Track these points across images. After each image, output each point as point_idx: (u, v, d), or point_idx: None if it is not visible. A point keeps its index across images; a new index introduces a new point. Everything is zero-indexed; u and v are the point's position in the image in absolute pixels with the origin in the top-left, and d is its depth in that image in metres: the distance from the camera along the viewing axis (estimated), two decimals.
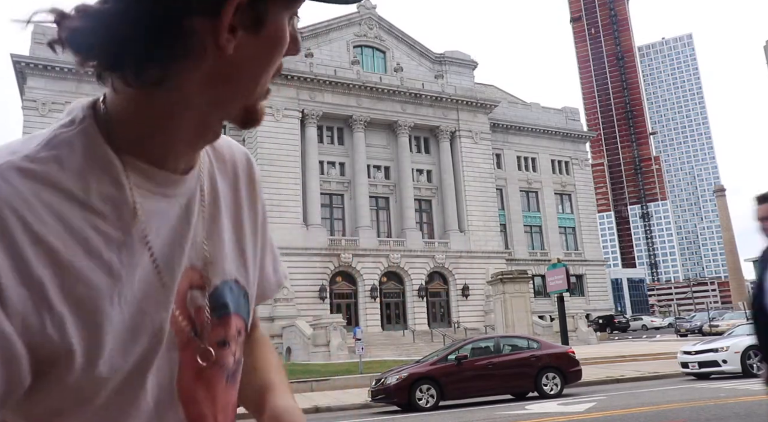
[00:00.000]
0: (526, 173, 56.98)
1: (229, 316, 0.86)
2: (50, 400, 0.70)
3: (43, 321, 0.65)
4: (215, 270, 0.85)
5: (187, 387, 0.80)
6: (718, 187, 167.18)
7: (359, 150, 46.10)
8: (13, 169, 0.69)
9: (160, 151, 0.78)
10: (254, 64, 0.77)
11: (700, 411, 10.02)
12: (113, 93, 0.76)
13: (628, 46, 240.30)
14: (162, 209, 0.79)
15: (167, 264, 0.79)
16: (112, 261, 0.72)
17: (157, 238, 0.78)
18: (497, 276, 35.24)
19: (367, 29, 50.64)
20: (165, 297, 0.78)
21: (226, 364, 0.85)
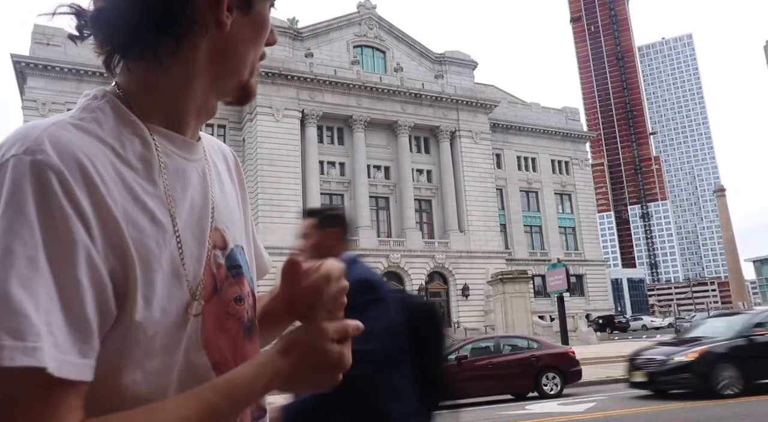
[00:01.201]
0: (526, 173, 56.97)
1: (243, 276, 0.93)
2: (116, 346, 0.74)
3: (117, 258, 0.74)
4: (231, 233, 0.93)
5: (210, 336, 0.86)
6: (718, 187, 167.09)
7: (359, 150, 46.10)
8: (69, 124, 0.78)
9: (176, 119, 0.88)
10: (246, 42, 0.89)
11: (699, 411, 10.02)
12: (127, 74, 0.86)
13: (628, 46, 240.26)
14: (185, 169, 0.88)
15: (198, 221, 0.87)
16: (154, 210, 0.80)
17: (184, 197, 0.86)
18: (497, 276, 35.25)
19: (367, 29, 50.65)
20: (198, 251, 0.85)
21: (243, 318, 0.92)
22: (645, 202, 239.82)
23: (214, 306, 0.87)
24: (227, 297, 0.89)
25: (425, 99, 49.17)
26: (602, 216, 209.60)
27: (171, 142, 0.87)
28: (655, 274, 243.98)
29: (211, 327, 0.86)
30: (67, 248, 0.69)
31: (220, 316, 0.88)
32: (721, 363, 11.69)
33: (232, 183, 1.03)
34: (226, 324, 0.89)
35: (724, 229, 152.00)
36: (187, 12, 0.82)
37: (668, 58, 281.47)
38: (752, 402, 10.79)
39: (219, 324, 0.87)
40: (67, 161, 0.72)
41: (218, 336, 0.87)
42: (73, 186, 0.71)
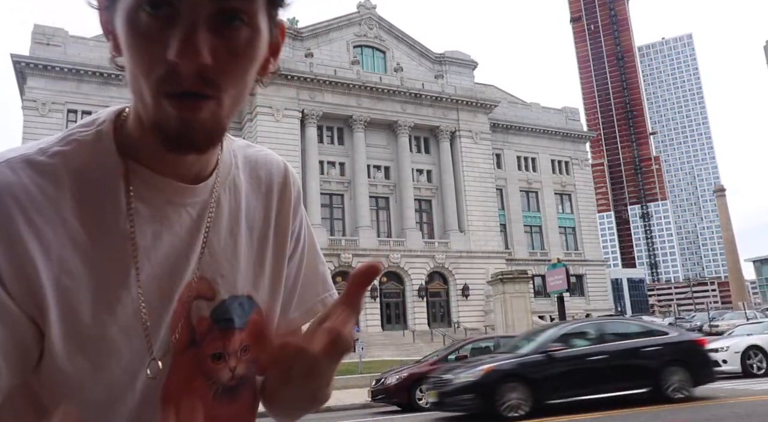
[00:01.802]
0: (526, 173, 56.96)
1: (233, 330, 0.85)
2: (47, 383, 0.72)
3: (31, 302, 0.70)
4: (225, 284, 0.85)
5: (172, 392, 0.80)
6: (718, 187, 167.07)
7: (359, 150, 46.10)
8: (25, 160, 0.73)
9: (157, 158, 0.78)
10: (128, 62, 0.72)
11: (699, 411, 10.02)
12: None
13: (628, 46, 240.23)
14: (165, 216, 0.80)
15: (167, 271, 0.79)
16: (96, 260, 0.74)
17: (156, 245, 0.79)
18: (497, 276, 35.24)
19: (367, 29, 50.65)
20: (160, 303, 0.79)
21: (216, 378, 0.84)
22: (645, 201, 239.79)
23: (186, 360, 0.81)
24: (204, 353, 0.82)
25: (425, 99, 49.17)
26: (602, 216, 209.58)
27: (152, 186, 0.79)
28: (655, 274, 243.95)
29: (176, 382, 0.80)
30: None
31: (190, 373, 0.81)
32: (508, 383, 10.73)
33: (266, 222, 0.93)
34: (193, 382, 0.82)
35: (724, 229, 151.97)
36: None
37: (668, 58, 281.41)
38: (752, 402, 10.79)
39: (186, 380, 0.81)
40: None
41: (181, 393, 0.80)
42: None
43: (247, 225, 0.90)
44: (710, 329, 38.23)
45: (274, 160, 0.98)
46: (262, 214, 0.92)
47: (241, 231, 0.89)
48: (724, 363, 15.54)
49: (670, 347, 11.78)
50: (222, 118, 0.72)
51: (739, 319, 37.26)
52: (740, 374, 15.29)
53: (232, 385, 0.85)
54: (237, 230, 0.88)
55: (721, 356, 15.65)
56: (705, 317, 45.30)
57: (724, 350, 15.76)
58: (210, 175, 0.84)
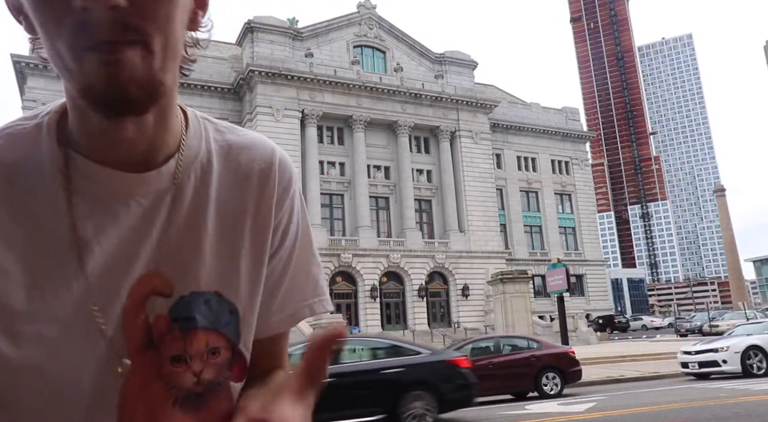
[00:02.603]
0: (526, 173, 56.97)
1: (195, 331, 0.76)
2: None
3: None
4: (185, 279, 0.76)
5: (128, 399, 0.73)
6: (718, 187, 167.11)
7: (359, 150, 46.10)
8: None
9: (93, 144, 0.72)
10: (37, 23, 0.65)
11: (700, 411, 10.01)
12: None
13: (628, 46, 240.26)
14: (108, 208, 0.74)
15: (113, 266, 0.73)
16: (32, 257, 0.70)
17: (101, 238, 0.73)
18: (497, 276, 35.26)
19: (367, 29, 50.64)
20: (106, 300, 0.72)
21: (177, 383, 0.75)
22: (645, 202, 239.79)
23: (144, 363, 0.73)
24: (164, 355, 0.74)
25: (425, 99, 49.16)
26: (602, 216, 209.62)
27: (92, 177, 0.73)
28: (655, 274, 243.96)
29: (133, 387, 0.73)
30: None
31: (147, 377, 0.74)
32: None
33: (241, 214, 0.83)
34: (151, 386, 0.74)
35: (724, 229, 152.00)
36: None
37: (668, 58, 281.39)
38: (752, 402, 10.79)
39: (143, 385, 0.73)
40: None
41: (138, 399, 0.73)
42: None
43: (218, 215, 0.80)
44: (710, 329, 38.27)
45: (260, 145, 0.87)
46: (236, 204, 0.82)
47: (208, 223, 0.79)
48: (724, 363, 15.55)
49: (416, 369, 10.42)
50: (155, 68, 0.65)
51: (739, 319, 37.27)
52: (740, 374, 15.29)
53: (198, 391, 0.77)
54: (202, 221, 0.79)
55: (721, 356, 15.66)
56: (705, 317, 45.35)
57: (724, 350, 15.76)
58: (166, 161, 0.77)
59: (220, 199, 0.81)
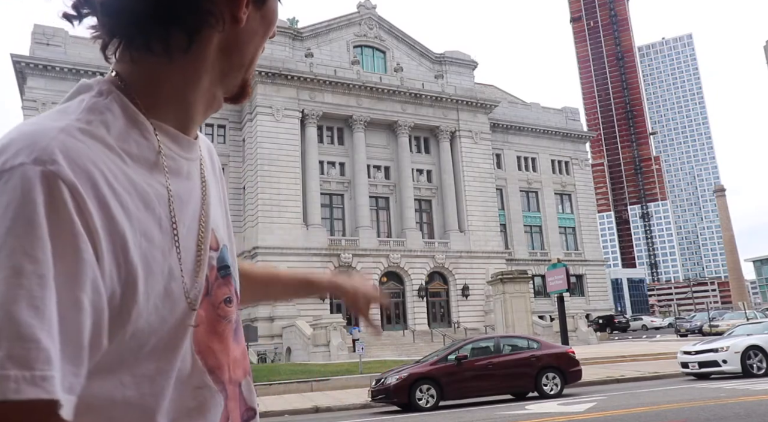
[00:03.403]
0: (526, 173, 56.97)
1: (231, 276, 0.91)
2: (111, 350, 0.70)
3: (120, 276, 0.69)
4: (221, 234, 0.91)
5: (203, 339, 0.83)
6: (718, 187, 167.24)
7: (359, 150, 46.10)
8: (77, 129, 0.72)
9: (183, 116, 0.84)
10: (256, 37, 0.85)
11: (700, 411, 10.01)
12: (131, 65, 0.80)
13: (628, 46, 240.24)
14: (189, 171, 0.85)
15: (198, 224, 0.84)
16: (162, 216, 0.77)
17: (188, 200, 0.83)
18: (497, 276, 35.26)
19: (367, 29, 50.65)
20: (199, 257, 0.83)
21: (232, 319, 0.90)
22: (645, 202, 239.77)
23: (205, 309, 0.84)
24: (217, 299, 0.87)
25: (425, 99, 49.16)
26: (602, 216, 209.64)
27: (176, 142, 0.84)
28: (655, 274, 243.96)
29: (203, 330, 0.83)
30: (76, 268, 0.64)
31: (212, 319, 0.85)
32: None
33: (215, 177, 0.99)
34: (218, 326, 0.86)
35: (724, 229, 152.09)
36: (205, 5, 0.78)
37: (668, 58, 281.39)
38: (752, 401, 10.79)
39: (211, 327, 0.85)
40: (79, 174, 0.67)
41: (211, 339, 0.85)
42: (86, 201, 0.66)
43: (215, 179, 0.97)
44: (710, 329, 38.25)
45: None
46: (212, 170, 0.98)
47: (217, 185, 0.96)
48: (724, 363, 15.55)
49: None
50: None
51: (739, 319, 37.27)
52: (740, 374, 15.29)
53: (236, 327, 0.92)
54: (214, 180, 0.95)
55: (721, 356, 15.65)
56: (705, 317, 45.31)
57: (724, 350, 15.75)
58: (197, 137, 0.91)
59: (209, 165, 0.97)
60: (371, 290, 1.38)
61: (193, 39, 0.78)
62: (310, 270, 1.35)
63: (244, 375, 0.93)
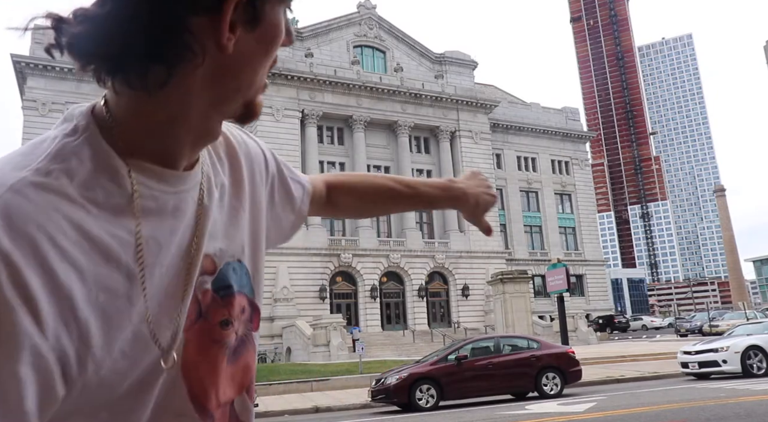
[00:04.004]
0: (526, 173, 56.98)
1: (233, 296, 0.88)
2: (66, 403, 0.68)
3: (71, 333, 0.66)
4: (222, 255, 0.87)
5: (191, 365, 0.82)
6: (718, 187, 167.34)
7: (359, 150, 46.11)
8: (29, 184, 0.68)
9: (167, 152, 0.79)
10: (253, 60, 0.78)
11: (700, 411, 10.01)
12: (114, 95, 0.76)
13: (628, 46, 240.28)
14: (177, 206, 0.81)
15: (187, 259, 0.81)
16: (129, 265, 0.73)
17: (173, 236, 0.79)
18: (497, 276, 35.27)
19: (367, 29, 50.65)
20: (186, 289, 0.80)
21: (228, 343, 0.87)
22: (645, 202, 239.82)
23: (196, 333, 0.82)
24: (212, 322, 0.85)
25: (425, 99, 49.17)
26: (602, 216, 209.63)
27: (159, 179, 0.78)
28: (655, 274, 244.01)
29: (192, 355, 0.82)
30: (11, 341, 0.61)
31: (203, 343, 0.84)
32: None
33: (237, 180, 0.94)
34: (209, 351, 0.84)
35: (724, 229, 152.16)
36: (183, 38, 0.71)
37: (668, 58, 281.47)
38: (752, 401, 10.79)
39: (201, 351, 0.83)
40: (18, 239, 0.63)
41: (199, 364, 0.83)
42: (21, 270, 0.63)
43: (228, 192, 0.92)
44: (710, 329, 38.25)
45: None
46: (230, 176, 0.94)
47: (225, 201, 0.91)
48: (724, 363, 15.55)
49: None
50: None
51: (739, 319, 37.27)
52: (740, 374, 15.30)
53: (235, 346, 0.89)
54: (222, 201, 0.90)
55: (721, 356, 15.66)
56: (705, 317, 45.31)
57: (724, 350, 15.75)
58: (198, 159, 0.86)
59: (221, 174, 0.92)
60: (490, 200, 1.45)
61: (172, 73, 0.72)
62: (446, 180, 1.41)
63: (239, 392, 0.91)
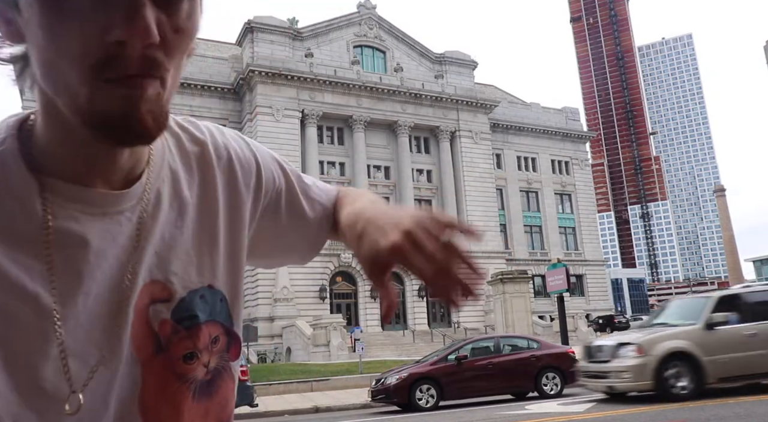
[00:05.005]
0: (526, 173, 56.99)
1: (199, 326, 0.79)
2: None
3: None
4: (180, 281, 0.78)
5: (149, 404, 0.74)
6: (718, 187, 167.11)
7: (359, 150, 46.12)
8: None
9: (79, 166, 0.69)
10: (40, 44, 0.61)
11: (699, 411, 10.01)
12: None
13: (628, 46, 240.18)
14: (104, 230, 0.71)
15: (117, 285, 0.72)
16: (38, 295, 0.66)
17: (101, 261, 0.71)
18: (497, 276, 35.25)
19: (367, 29, 50.66)
20: (118, 320, 0.72)
21: (192, 378, 0.78)
22: (645, 201, 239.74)
23: (157, 367, 0.75)
24: (175, 356, 0.77)
25: (425, 99, 49.18)
26: (602, 216, 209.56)
27: (78, 200, 0.69)
28: (655, 274, 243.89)
29: (152, 391, 0.75)
30: None
31: (163, 380, 0.76)
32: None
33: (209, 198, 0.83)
34: (170, 388, 0.76)
35: (724, 229, 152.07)
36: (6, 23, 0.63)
37: (668, 58, 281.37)
38: (752, 401, 10.79)
39: (161, 388, 0.75)
40: None
41: (160, 402, 0.75)
42: None
43: (196, 210, 0.81)
44: None
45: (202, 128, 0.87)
46: (198, 192, 0.82)
47: (187, 221, 0.80)
48: None
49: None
50: (165, 101, 0.64)
51: None
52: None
53: (208, 379, 0.80)
54: (183, 221, 0.79)
55: None
56: None
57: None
58: (143, 171, 0.75)
59: (189, 194, 0.81)
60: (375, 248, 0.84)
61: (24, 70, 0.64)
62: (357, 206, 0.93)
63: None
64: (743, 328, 11.30)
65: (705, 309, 11.54)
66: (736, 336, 11.22)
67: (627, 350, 11.30)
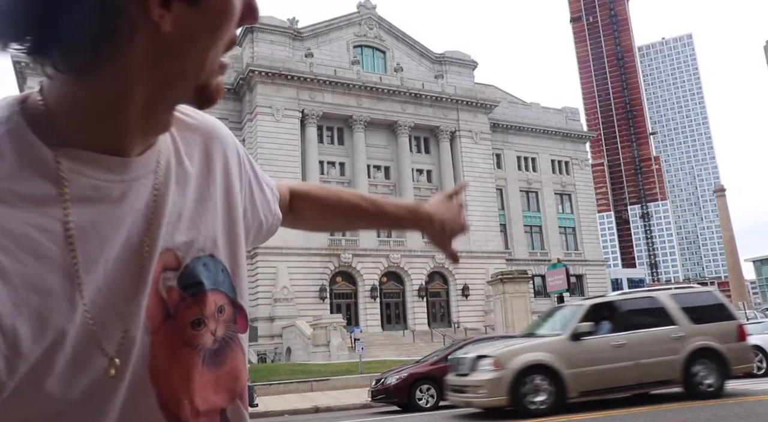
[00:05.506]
0: (526, 173, 56.97)
1: (205, 294, 0.81)
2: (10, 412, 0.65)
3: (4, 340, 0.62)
4: (188, 249, 0.80)
5: (160, 370, 0.76)
6: (718, 187, 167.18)
7: (359, 150, 46.11)
8: None
9: (112, 140, 0.72)
10: (199, 39, 0.68)
11: (699, 411, 10.00)
12: (48, 81, 0.69)
13: (628, 46, 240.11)
14: (122, 195, 0.74)
15: (140, 253, 0.74)
16: (65, 261, 0.67)
17: (119, 228, 0.73)
18: (497, 276, 35.22)
19: (367, 29, 50.65)
20: (140, 288, 0.74)
21: (201, 345, 0.80)
22: (645, 201, 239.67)
23: (165, 335, 0.76)
24: (182, 323, 0.78)
25: (425, 99, 49.18)
26: (602, 216, 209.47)
27: (99, 167, 0.71)
28: (655, 274, 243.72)
29: (161, 359, 0.76)
30: None
31: (173, 346, 0.77)
32: None
33: (209, 170, 0.87)
34: (180, 354, 0.77)
35: (724, 229, 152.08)
36: (106, 17, 0.62)
37: (668, 58, 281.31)
38: (752, 402, 10.79)
39: (171, 355, 0.76)
40: None
41: (170, 368, 0.76)
42: None
43: (195, 180, 0.84)
44: None
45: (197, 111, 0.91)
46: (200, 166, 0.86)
47: (189, 190, 0.83)
48: None
49: None
50: None
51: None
52: None
53: (216, 348, 0.82)
54: (186, 190, 0.82)
55: None
56: None
57: None
58: (154, 142, 0.79)
59: (189, 163, 0.84)
60: (457, 229, 1.33)
61: (101, 57, 0.63)
62: (413, 202, 1.32)
63: (230, 400, 0.84)
64: (611, 339, 10.82)
65: (573, 319, 11.02)
66: (603, 346, 10.69)
67: (484, 363, 10.66)
